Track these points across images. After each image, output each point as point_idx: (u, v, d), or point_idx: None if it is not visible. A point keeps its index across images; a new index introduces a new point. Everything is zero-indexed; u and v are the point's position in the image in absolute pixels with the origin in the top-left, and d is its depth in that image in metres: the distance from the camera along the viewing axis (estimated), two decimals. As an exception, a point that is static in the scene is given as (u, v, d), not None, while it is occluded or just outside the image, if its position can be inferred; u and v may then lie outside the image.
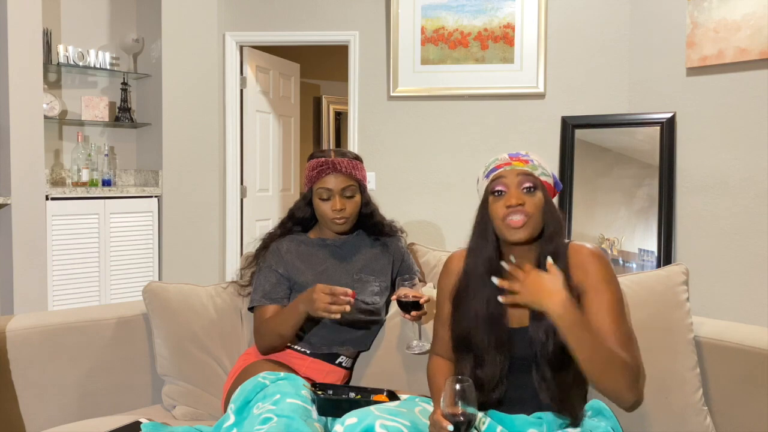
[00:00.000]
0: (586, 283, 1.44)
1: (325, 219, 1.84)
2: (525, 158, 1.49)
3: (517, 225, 1.41)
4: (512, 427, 1.40)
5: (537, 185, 1.46)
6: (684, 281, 1.67)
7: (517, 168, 1.46)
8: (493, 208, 1.45)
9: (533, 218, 1.42)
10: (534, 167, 1.48)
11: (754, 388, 1.54)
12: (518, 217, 1.41)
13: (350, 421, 1.33)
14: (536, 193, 1.45)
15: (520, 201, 1.41)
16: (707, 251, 3.11)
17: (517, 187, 1.44)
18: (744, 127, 2.98)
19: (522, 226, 1.41)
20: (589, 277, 1.44)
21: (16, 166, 3.27)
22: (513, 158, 1.48)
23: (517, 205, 1.41)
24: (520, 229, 1.41)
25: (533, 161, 1.49)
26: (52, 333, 1.82)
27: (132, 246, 3.82)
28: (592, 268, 1.44)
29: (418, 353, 1.81)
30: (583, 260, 1.45)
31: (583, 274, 1.44)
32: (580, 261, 1.45)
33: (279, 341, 1.76)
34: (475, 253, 1.52)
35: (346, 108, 4.42)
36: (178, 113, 3.93)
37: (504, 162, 1.48)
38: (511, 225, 1.41)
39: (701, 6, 3.04)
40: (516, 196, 1.42)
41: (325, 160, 1.82)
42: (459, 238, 3.68)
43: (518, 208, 1.41)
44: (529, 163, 1.48)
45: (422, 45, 3.71)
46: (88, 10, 3.98)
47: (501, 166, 1.48)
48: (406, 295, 1.72)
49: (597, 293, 1.43)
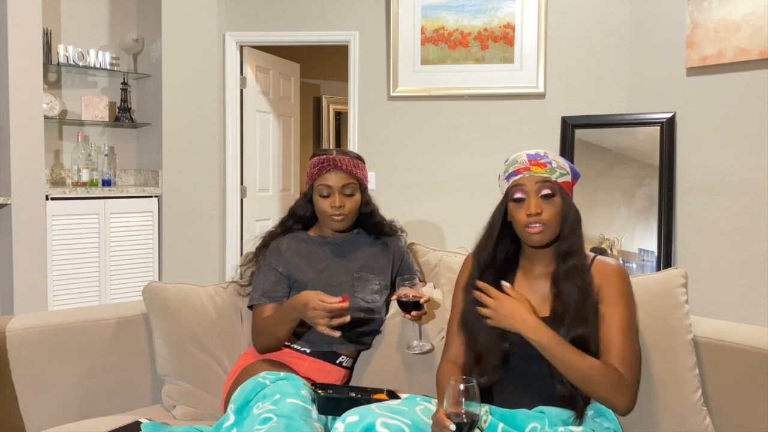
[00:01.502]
0: (604, 295, 1.52)
1: (324, 216, 1.85)
2: (543, 161, 1.54)
3: (536, 231, 1.51)
4: (513, 423, 1.41)
5: (555, 190, 1.53)
6: (683, 284, 1.67)
7: (536, 174, 1.53)
8: (515, 215, 1.54)
9: (550, 225, 1.52)
10: (552, 170, 1.54)
11: (753, 387, 1.54)
12: (536, 226, 1.51)
13: (351, 419, 1.33)
14: (554, 199, 1.53)
15: (538, 210, 1.50)
16: (707, 251, 3.11)
17: (536, 194, 1.52)
18: (744, 127, 2.98)
19: (540, 233, 1.51)
20: (608, 290, 1.53)
21: (16, 166, 3.27)
22: (532, 162, 1.54)
23: (536, 214, 1.50)
24: (538, 235, 1.51)
25: (551, 164, 1.54)
26: (52, 333, 1.82)
27: (132, 246, 3.82)
28: (612, 282, 1.53)
29: (418, 353, 1.81)
30: (606, 274, 1.54)
31: (603, 287, 1.53)
32: (604, 275, 1.54)
33: (275, 342, 1.77)
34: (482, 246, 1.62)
35: (346, 108, 4.43)
36: (178, 113, 3.93)
37: (523, 166, 1.54)
38: (530, 232, 1.52)
39: (701, 6, 3.04)
40: (535, 204, 1.51)
41: (326, 158, 1.84)
42: (459, 237, 3.70)
43: (537, 216, 1.50)
44: (547, 167, 1.53)
45: (422, 45, 3.72)
46: (88, 10, 3.98)
47: (520, 171, 1.54)
48: (406, 295, 1.72)
49: (612, 307, 1.51)
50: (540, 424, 1.41)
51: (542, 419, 1.42)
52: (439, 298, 1.93)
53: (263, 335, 1.77)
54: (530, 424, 1.41)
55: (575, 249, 1.53)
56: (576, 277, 1.51)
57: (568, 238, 1.53)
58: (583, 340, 1.45)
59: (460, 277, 1.71)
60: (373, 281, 1.87)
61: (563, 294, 1.50)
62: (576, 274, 1.51)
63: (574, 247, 1.53)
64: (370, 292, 1.85)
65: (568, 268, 1.51)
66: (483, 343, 1.53)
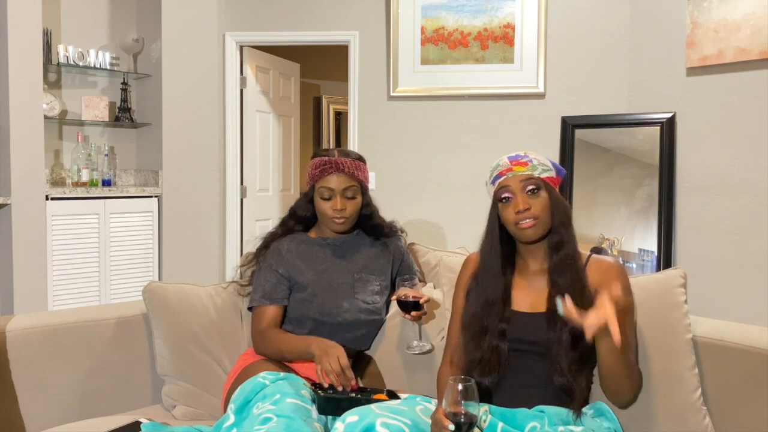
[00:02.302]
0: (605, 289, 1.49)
1: (325, 218, 1.85)
2: (524, 160, 1.58)
3: (528, 226, 1.53)
4: (513, 422, 1.41)
5: (539, 185, 1.56)
6: (682, 284, 1.68)
7: (519, 173, 1.56)
8: (505, 214, 1.57)
9: (541, 218, 1.54)
10: (534, 167, 1.57)
11: (752, 387, 1.55)
12: (528, 220, 1.53)
13: (351, 419, 1.33)
14: (540, 193, 1.55)
15: (526, 205, 1.53)
16: (707, 251, 3.11)
17: (521, 191, 1.55)
18: (744, 127, 2.98)
19: (532, 227, 1.53)
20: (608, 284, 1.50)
21: (16, 166, 3.27)
22: (513, 162, 1.58)
23: (524, 210, 1.52)
24: (531, 229, 1.54)
25: (532, 161, 1.57)
26: (52, 333, 1.82)
27: (132, 246, 3.82)
28: (613, 277, 1.55)
29: (418, 353, 1.81)
30: (604, 271, 1.56)
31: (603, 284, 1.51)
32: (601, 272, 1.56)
33: (277, 357, 1.77)
34: (486, 250, 1.64)
35: (346, 108, 4.42)
36: (178, 113, 3.93)
37: (505, 168, 1.58)
38: (522, 227, 1.54)
39: (701, 6, 3.04)
40: (522, 201, 1.53)
41: (328, 160, 1.83)
42: (459, 237, 3.70)
43: (526, 212, 1.53)
44: (528, 165, 1.57)
45: (422, 45, 3.72)
46: (88, 10, 3.98)
47: (503, 172, 1.58)
48: (406, 296, 1.72)
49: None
50: (540, 423, 1.41)
51: (542, 418, 1.43)
52: (439, 298, 1.93)
53: (267, 345, 1.77)
54: (530, 423, 1.41)
55: (566, 240, 1.55)
56: (569, 268, 1.53)
57: (559, 230, 1.56)
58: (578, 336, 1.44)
59: (460, 277, 1.71)
60: (373, 282, 1.87)
61: (559, 286, 1.51)
62: (569, 265, 1.53)
63: (564, 238, 1.56)
64: (370, 293, 1.85)
65: (560, 259, 1.54)
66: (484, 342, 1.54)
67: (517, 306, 1.57)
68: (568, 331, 1.46)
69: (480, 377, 1.50)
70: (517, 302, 1.58)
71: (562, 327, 1.46)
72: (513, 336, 1.52)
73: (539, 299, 1.56)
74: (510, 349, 1.52)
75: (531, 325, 1.53)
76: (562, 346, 1.47)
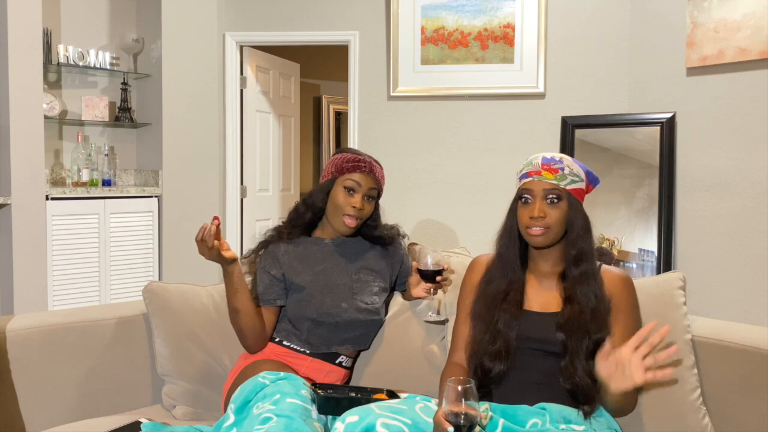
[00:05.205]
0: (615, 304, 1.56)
1: (339, 213, 1.82)
2: (556, 167, 1.56)
3: (537, 234, 1.54)
4: (514, 419, 1.41)
5: (562, 196, 1.55)
6: (681, 286, 1.70)
7: (545, 180, 1.55)
8: (520, 214, 1.58)
9: (552, 229, 1.55)
10: (562, 177, 1.56)
11: (751, 387, 1.55)
12: (537, 228, 1.54)
13: (351, 419, 1.33)
14: (560, 204, 1.55)
15: (541, 213, 1.53)
16: (707, 251, 3.11)
17: (542, 198, 1.55)
18: (744, 127, 2.98)
19: (540, 236, 1.54)
20: (618, 299, 1.56)
21: (16, 166, 3.27)
22: (545, 166, 1.57)
23: (538, 218, 1.53)
24: (539, 237, 1.55)
25: (563, 170, 1.56)
26: (52, 333, 1.82)
27: (132, 246, 3.82)
28: (624, 292, 1.57)
29: (433, 321, 1.85)
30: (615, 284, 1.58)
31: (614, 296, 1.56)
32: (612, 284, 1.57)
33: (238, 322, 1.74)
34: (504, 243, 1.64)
35: (346, 108, 4.43)
36: (178, 113, 3.93)
37: (535, 170, 1.57)
38: (531, 234, 1.55)
39: (701, 6, 3.04)
40: (539, 208, 1.54)
41: (363, 158, 1.86)
42: (459, 237, 3.69)
43: (539, 220, 1.53)
44: (558, 173, 1.56)
45: (422, 45, 3.72)
46: (88, 10, 3.98)
47: (532, 174, 1.57)
48: (426, 264, 1.76)
49: (625, 315, 1.56)
50: (541, 420, 1.41)
51: (543, 415, 1.43)
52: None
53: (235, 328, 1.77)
54: (531, 419, 1.41)
55: (586, 254, 1.56)
56: (589, 282, 1.54)
57: (577, 243, 1.56)
58: (597, 345, 1.46)
59: (467, 280, 1.72)
60: (372, 283, 1.87)
61: (579, 299, 1.52)
62: (589, 279, 1.54)
63: (585, 252, 1.56)
64: (369, 293, 1.85)
65: (581, 273, 1.55)
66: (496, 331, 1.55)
67: (528, 305, 1.58)
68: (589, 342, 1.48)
69: (491, 362, 1.52)
70: (528, 301, 1.59)
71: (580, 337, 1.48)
72: (522, 334, 1.53)
73: (549, 300, 1.57)
74: (517, 346, 1.53)
75: (540, 324, 1.54)
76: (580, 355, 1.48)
